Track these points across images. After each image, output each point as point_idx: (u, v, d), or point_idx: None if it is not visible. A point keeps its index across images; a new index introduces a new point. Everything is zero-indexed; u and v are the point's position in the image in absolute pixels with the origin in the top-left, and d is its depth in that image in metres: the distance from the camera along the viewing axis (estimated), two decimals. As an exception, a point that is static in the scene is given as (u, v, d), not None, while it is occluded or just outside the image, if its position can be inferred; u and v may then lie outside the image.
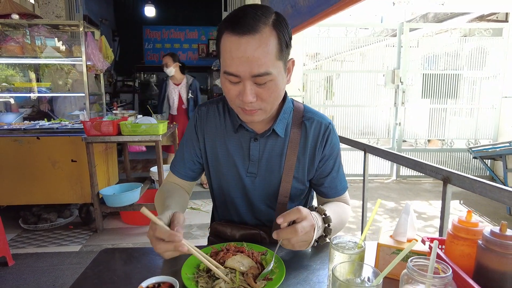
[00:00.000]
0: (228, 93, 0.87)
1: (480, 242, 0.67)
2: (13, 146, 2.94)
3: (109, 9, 8.48)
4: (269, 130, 0.98)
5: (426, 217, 3.57)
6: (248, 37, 0.78)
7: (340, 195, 1.06)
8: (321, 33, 4.75)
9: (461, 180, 1.09)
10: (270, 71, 0.80)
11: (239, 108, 0.89)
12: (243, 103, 0.84)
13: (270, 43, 0.79)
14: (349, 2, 1.91)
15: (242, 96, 0.83)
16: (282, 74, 0.86)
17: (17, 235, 2.93)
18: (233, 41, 0.79)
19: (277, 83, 0.84)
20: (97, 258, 0.91)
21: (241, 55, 0.78)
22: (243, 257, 0.80)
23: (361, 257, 0.71)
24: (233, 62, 0.80)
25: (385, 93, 5.01)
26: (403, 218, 0.81)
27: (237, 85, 0.84)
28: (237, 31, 0.78)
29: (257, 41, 0.78)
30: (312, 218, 0.79)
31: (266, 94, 0.84)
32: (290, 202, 1.03)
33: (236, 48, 0.78)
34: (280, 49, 0.82)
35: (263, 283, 0.74)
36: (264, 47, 0.79)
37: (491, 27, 4.70)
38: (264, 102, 0.86)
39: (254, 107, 0.86)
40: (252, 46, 0.78)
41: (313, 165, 1.01)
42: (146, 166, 5.41)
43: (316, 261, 0.88)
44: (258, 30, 0.78)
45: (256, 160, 1.00)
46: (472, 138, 4.93)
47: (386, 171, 5.05)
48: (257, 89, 0.83)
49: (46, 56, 3.35)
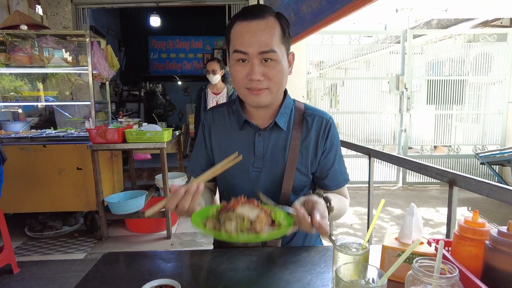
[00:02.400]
0: (236, 75, 0.95)
1: (488, 243, 0.65)
2: (20, 154, 2.98)
3: (115, 20, 8.63)
4: (272, 123, 1.03)
5: (433, 223, 3.51)
6: (257, 21, 0.91)
7: (341, 187, 1.10)
8: (325, 40, 4.78)
9: (467, 182, 1.07)
10: (275, 49, 0.91)
11: (246, 90, 0.96)
12: (251, 81, 0.93)
13: (275, 28, 0.92)
14: (351, 8, 1.92)
15: (250, 74, 0.92)
16: (285, 58, 0.96)
17: (22, 243, 2.94)
18: (243, 25, 0.92)
19: (281, 64, 0.94)
20: (100, 261, 0.90)
21: (250, 35, 0.90)
22: (252, 207, 0.80)
23: (365, 258, 0.70)
24: (243, 41, 0.91)
25: (390, 99, 5.00)
26: (407, 219, 0.80)
27: (245, 65, 0.93)
28: (247, 17, 0.92)
29: (264, 24, 0.91)
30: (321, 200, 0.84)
31: (272, 73, 0.93)
32: (293, 194, 1.05)
33: (247, 30, 0.91)
34: (283, 34, 0.94)
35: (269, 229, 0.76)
36: (269, 30, 0.91)
37: (495, 32, 4.69)
38: (270, 81, 0.94)
39: (262, 86, 0.94)
40: (260, 27, 0.91)
41: (316, 158, 1.06)
42: (151, 174, 5.43)
43: (320, 264, 0.87)
44: (264, 17, 0.92)
45: (261, 155, 1.05)
46: (479, 143, 4.88)
47: (393, 178, 5.00)
48: (263, 67, 0.92)
49: (53, 66, 3.41)
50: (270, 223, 0.78)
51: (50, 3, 4.31)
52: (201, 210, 0.86)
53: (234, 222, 0.75)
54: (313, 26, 2.58)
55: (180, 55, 8.94)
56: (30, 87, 3.74)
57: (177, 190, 0.79)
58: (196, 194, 0.80)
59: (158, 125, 3.11)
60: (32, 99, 3.56)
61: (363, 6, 1.84)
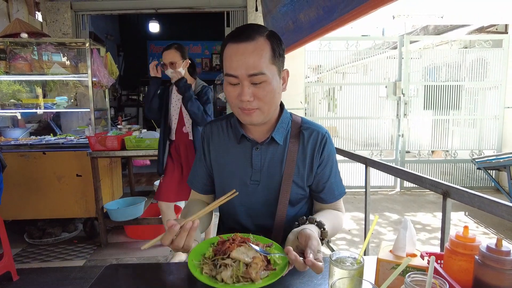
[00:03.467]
0: (229, 95, 0.98)
1: (477, 258, 0.68)
2: (19, 161, 2.99)
3: (114, 25, 8.66)
4: (269, 138, 1.05)
5: (430, 229, 3.54)
6: (246, 44, 0.92)
7: (337, 200, 1.12)
8: (323, 46, 4.82)
9: (460, 194, 1.10)
10: (264, 71, 0.93)
11: (239, 109, 0.98)
12: (242, 102, 0.95)
13: (264, 49, 0.93)
14: (349, 18, 1.95)
15: (240, 95, 0.94)
16: (277, 78, 0.97)
17: (22, 250, 2.95)
18: (233, 48, 0.94)
19: (272, 85, 0.95)
20: (102, 274, 0.92)
21: (239, 58, 0.92)
22: (248, 249, 0.82)
23: (360, 273, 0.72)
24: (232, 65, 0.93)
25: (387, 104, 5.04)
26: (401, 233, 0.82)
27: (236, 86, 0.95)
28: (237, 40, 0.94)
29: (252, 47, 0.92)
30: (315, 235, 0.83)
31: (262, 93, 0.94)
32: (290, 206, 1.08)
33: (235, 53, 0.93)
34: (273, 55, 0.95)
35: (265, 273, 0.77)
36: (258, 52, 0.93)
37: (491, 38, 4.74)
38: (260, 101, 0.96)
39: (252, 106, 0.95)
40: (248, 50, 0.92)
41: (312, 171, 1.08)
42: (150, 180, 5.44)
43: (317, 277, 0.89)
44: (254, 39, 0.93)
45: (259, 169, 1.07)
46: (476, 148, 4.92)
47: (390, 182, 5.03)
48: (253, 88, 0.94)
49: (53, 73, 3.43)
50: (265, 264, 0.80)
51: (50, 10, 4.34)
52: (198, 246, 0.87)
53: (229, 271, 0.76)
54: (311, 35, 2.61)
55: (179, 60, 8.95)
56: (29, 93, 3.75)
57: (172, 226, 0.81)
58: (191, 231, 0.83)
59: (157, 132, 3.13)
60: (32, 106, 3.58)
61: (361, 17, 1.87)
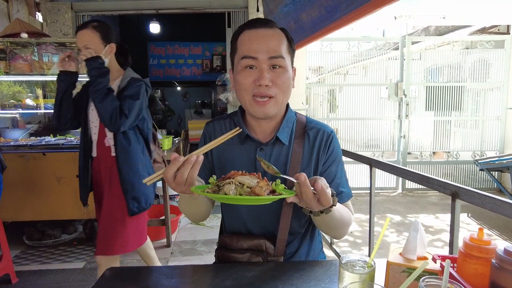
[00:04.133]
0: (244, 81, 0.94)
1: (494, 261, 0.65)
2: (19, 162, 2.96)
3: (114, 26, 8.64)
4: (273, 138, 1.02)
5: (433, 230, 3.51)
6: (266, 29, 0.95)
7: (343, 202, 1.07)
8: (324, 47, 4.80)
9: (470, 195, 1.07)
10: (283, 55, 0.94)
11: (252, 100, 0.95)
12: (259, 87, 0.92)
13: (282, 37, 0.96)
14: (351, 17, 1.93)
15: (259, 79, 0.92)
16: (291, 69, 0.98)
17: (21, 252, 2.92)
18: (252, 32, 0.95)
19: (288, 72, 0.96)
20: (102, 278, 0.90)
21: (259, 41, 0.93)
22: (253, 177, 0.79)
23: (371, 277, 0.69)
24: (251, 47, 0.93)
25: (389, 106, 5.02)
26: (412, 235, 0.80)
27: (253, 71, 0.94)
28: (256, 26, 0.95)
29: (272, 32, 0.95)
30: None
31: (280, 80, 0.94)
32: (295, 209, 1.03)
33: (255, 36, 0.93)
34: (289, 46, 0.98)
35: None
36: (278, 38, 0.95)
37: (493, 39, 4.72)
38: (278, 88, 0.94)
39: (269, 92, 0.93)
40: (269, 34, 0.94)
41: (317, 171, 1.04)
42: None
43: (325, 280, 0.87)
44: (272, 27, 0.96)
45: (262, 170, 1.01)
46: (478, 150, 4.90)
47: (392, 184, 5.00)
48: (272, 73, 0.93)
49: (53, 73, 3.40)
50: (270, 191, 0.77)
51: (50, 11, 4.32)
52: (200, 186, 0.86)
53: (233, 186, 0.74)
54: (313, 35, 2.59)
55: (179, 61, 8.96)
56: (29, 93, 3.73)
57: (176, 158, 0.75)
58: (195, 164, 0.76)
59: (158, 133, 3.10)
60: (32, 107, 3.55)
61: (364, 16, 1.85)
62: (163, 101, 9.76)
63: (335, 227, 0.99)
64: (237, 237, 1.06)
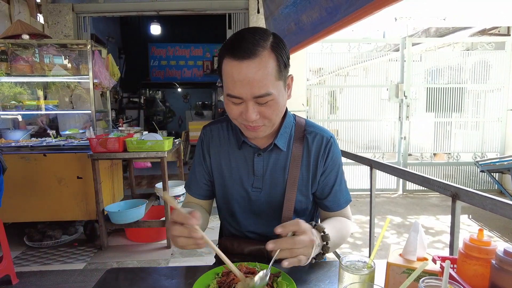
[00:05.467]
0: (231, 113, 0.91)
1: (494, 262, 0.65)
2: (20, 163, 2.97)
3: (115, 27, 8.67)
4: (271, 145, 1.00)
5: (433, 232, 3.50)
6: (248, 61, 0.81)
7: (342, 208, 1.05)
8: (324, 49, 4.80)
9: (470, 196, 1.07)
10: (270, 91, 0.84)
11: (242, 125, 0.93)
12: (246, 121, 0.89)
13: (269, 65, 0.83)
14: (352, 19, 1.94)
15: (245, 115, 0.87)
16: (283, 92, 0.90)
17: (21, 253, 2.92)
18: (234, 65, 0.82)
19: (278, 102, 0.88)
20: (103, 278, 0.90)
21: (242, 79, 0.82)
22: (253, 280, 0.79)
23: (371, 278, 0.70)
24: (235, 85, 0.83)
25: (389, 107, 5.01)
26: (412, 236, 0.80)
27: (239, 105, 0.88)
28: (237, 56, 0.82)
29: (256, 65, 0.81)
30: (312, 234, 0.77)
31: (268, 112, 0.88)
32: (295, 216, 1.03)
33: (238, 72, 0.82)
34: (279, 69, 0.86)
35: None
36: (263, 70, 0.82)
37: (493, 41, 4.72)
38: (266, 119, 0.90)
39: (258, 124, 0.90)
40: (252, 69, 0.81)
41: (315, 178, 1.02)
42: (151, 182, 5.42)
43: (325, 281, 0.86)
44: (257, 54, 0.82)
45: (261, 175, 1.02)
46: (479, 151, 4.89)
47: (393, 185, 5.00)
48: (259, 108, 0.87)
49: (54, 75, 3.41)
50: None
51: (51, 12, 4.34)
52: (202, 277, 0.83)
53: None
54: (314, 36, 2.59)
55: (180, 62, 8.98)
56: (31, 96, 3.73)
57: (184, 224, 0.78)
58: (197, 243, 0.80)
59: (158, 134, 3.11)
60: (33, 108, 3.56)
61: (364, 17, 1.86)
62: (164, 102, 9.78)
63: (335, 247, 0.99)
64: (237, 241, 1.05)
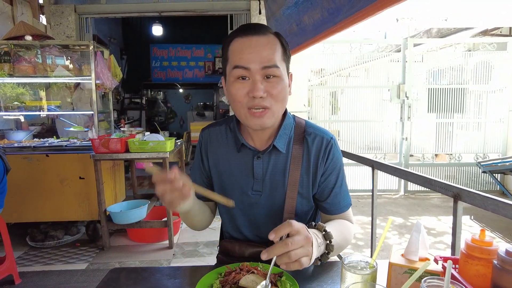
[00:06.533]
0: (237, 93, 0.89)
1: (496, 262, 0.65)
2: (22, 164, 2.98)
3: (117, 29, 8.70)
4: (270, 146, 0.98)
5: (435, 233, 3.50)
6: (258, 37, 0.88)
7: (343, 212, 1.03)
8: (326, 49, 4.81)
9: (472, 197, 1.07)
10: (277, 64, 0.88)
11: (247, 112, 0.90)
12: (253, 99, 0.87)
13: (276, 44, 0.90)
14: (354, 20, 1.94)
15: (252, 91, 0.87)
16: (286, 77, 0.93)
17: (24, 253, 2.93)
18: (244, 40, 0.88)
19: (284, 81, 0.91)
20: (106, 278, 0.90)
21: (252, 50, 0.87)
22: (257, 277, 0.79)
23: (373, 277, 0.70)
24: (244, 56, 0.87)
25: (391, 108, 5.01)
26: (414, 236, 0.80)
27: (246, 82, 0.88)
28: (248, 33, 0.89)
29: (265, 40, 0.89)
30: (307, 231, 0.77)
31: (275, 90, 0.89)
32: (296, 218, 1.02)
33: (248, 45, 0.87)
34: (284, 52, 0.92)
35: None
36: (271, 46, 0.89)
37: (495, 41, 4.72)
38: (273, 99, 0.89)
39: (264, 103, 0.88)
40: (261, 42, 0.88)
41: (316, 180, 1.01)
42: (153, 183, 5.42)
43: (327, 281, 0.87)
44: (265, 33, 0.90)
45: (260, 178, 1.00)
46: (481, 152, 4.88)
47: (394, 186, 4.99)
48: (266, 84, 0.88)
49: (56, 75, 3.43)
50: None
51: (54, 13, 4.36)
52: (205, 277, 0.83)
53: None
54: (315, 37, 2.60)
55: (181, 63, 8.99)
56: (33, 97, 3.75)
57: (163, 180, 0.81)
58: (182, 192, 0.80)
59: (160, 135, 3.11)
60: (35, 108, 3.57)
61: (366, 18, 1.86)
62: (165, 103, 9.80)
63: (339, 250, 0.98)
64: (238, 244, 1.05)
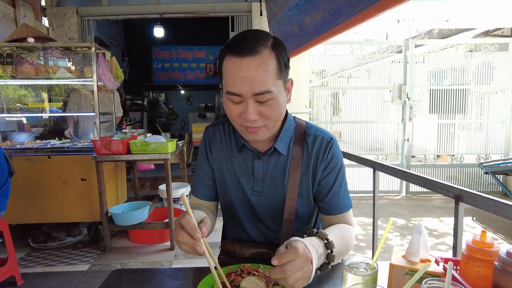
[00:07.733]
0: (231, 113, 0.89)
1: (497, 264, 0.65)
2: (25, 165, 2.99)
3: (119, 30, 8.74)
4: (271, 149, 0.99)
5: (437, 234, 3.49)
6: (249, 58, 0.82)
7: (342, 213, 1.02)
8: (327, 50, 4.81)
9: (473, 198, 1.07)
10: (270, 89, 0.84)
11: (242, 127, 0.91)
12: (246, 121, 0.87)
13: (269, 63, 0.84)
14: (355, 21, 1.94)
15: (244, 114, 0.86)
16: (282, 93, 0.89)
17: (26, 254, 2.94)
18: (235, 62, 0.83)
19: (278, 101, 0.87)
20: (108, 279, 0.91)
21: (242, 75, 0.82)
22: (258, 278, 0.79)
23: (374, 279, 0.70)
24: (235, 82, 0.83)
25: (392, 109, 5.01)
26: (415, 237, 0.80)
27: (239, 104, 0.87)
28: (238, 53, 0.83)
29: (257, 62, 0.82)
30: (308, 252, 0.71)
31: (268, 111, 0.87)
32: (297, 219, 1.02)
33: (238, 69, 0.82)
34: (279, 69, 0.86)
35: None
36: (264, 67, 0.83)
37: (497, 42, 4.71)
38: (266, 119, 0.88)
39: (258, 125, 0.88)
40: (253, 66, 0.82)
41: (316, 180, 1.01)
42: (154, 184, 5.44)
43: (328, 282, 0.87)
44: (258, 52, 0.83)
45: (261, 179, 1.01)
46: (483, 153, 4.87)
47: (396, 187, 4.98)
48: (259, 107, 0.86)
49: (58, 77, 3.44)
50: None
51: (56, 15, 4.38)
52: (206, 278, 0.84)
53: None
54: (317, 38, 2.60)
55: (183, 65, 9.02)
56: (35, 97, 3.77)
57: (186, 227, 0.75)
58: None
59: (162, 136, 3.12)
60: (37, 110, 3.59)
61: (367, 20, 1.86)
62: (167, 104, 9.82)
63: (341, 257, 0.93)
64: (239, 244, 1.05)
